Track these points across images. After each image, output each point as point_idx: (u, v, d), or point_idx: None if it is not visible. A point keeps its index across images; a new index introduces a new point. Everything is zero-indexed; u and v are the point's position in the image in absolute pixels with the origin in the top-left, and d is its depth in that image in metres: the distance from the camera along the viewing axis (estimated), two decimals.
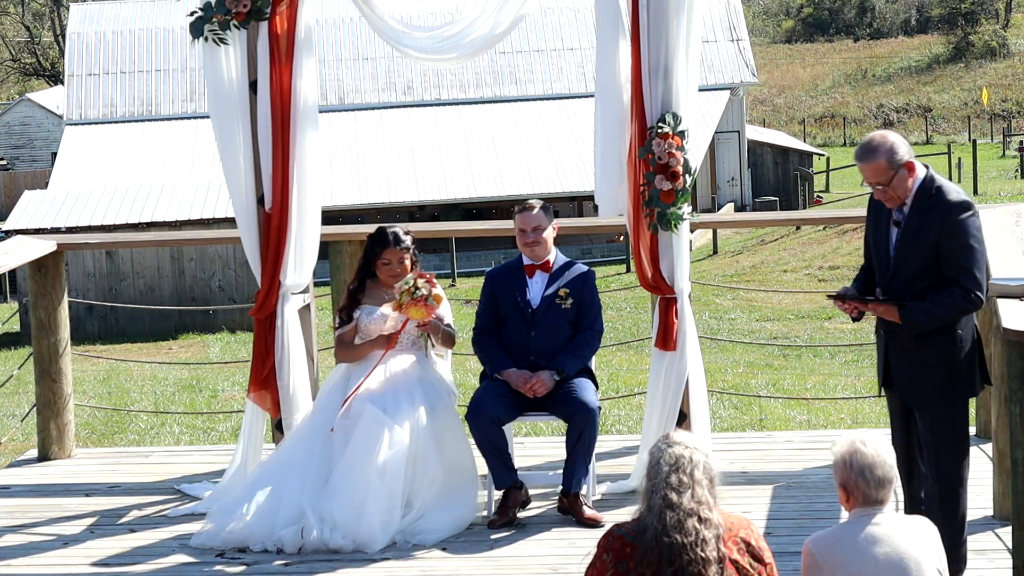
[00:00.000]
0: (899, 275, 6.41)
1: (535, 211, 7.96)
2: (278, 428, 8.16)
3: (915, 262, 6.35)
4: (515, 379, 7.76)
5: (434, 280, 7.78)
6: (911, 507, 6.56)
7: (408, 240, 7.99)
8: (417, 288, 7.67)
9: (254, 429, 8.22)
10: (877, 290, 6.53)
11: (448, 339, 7.98)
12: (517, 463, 7.93)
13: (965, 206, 6.32)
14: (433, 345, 7.96)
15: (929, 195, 6.35)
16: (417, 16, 35.18)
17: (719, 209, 41.60)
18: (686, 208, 7.66)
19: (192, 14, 7.95)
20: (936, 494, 6.40)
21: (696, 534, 4.73)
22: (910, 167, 6.34)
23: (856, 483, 5.01)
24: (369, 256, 8.00)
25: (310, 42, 7.98)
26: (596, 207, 7.94)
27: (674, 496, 4.76)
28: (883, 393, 6.72)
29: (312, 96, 8.00)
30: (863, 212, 6.89)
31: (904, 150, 6.35)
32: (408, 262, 7.96)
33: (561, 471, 7.78)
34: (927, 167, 6.44)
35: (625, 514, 5.12)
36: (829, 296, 6.72)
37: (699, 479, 4.81)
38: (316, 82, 8.07)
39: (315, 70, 8.05)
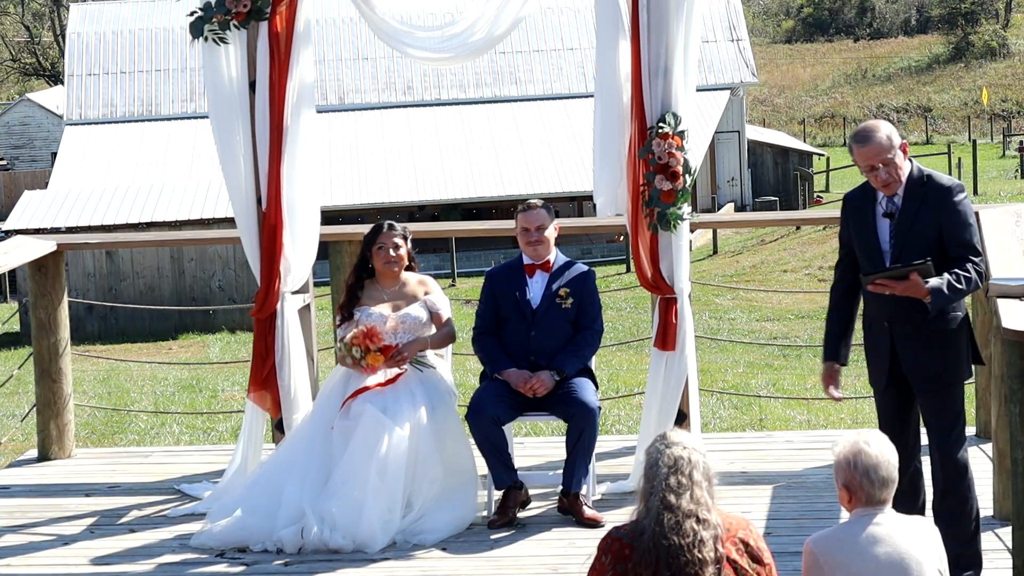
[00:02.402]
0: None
1: (538, 210, 7.96)
2: (278, 428, 8.16)
3: (915, 251, 6.33)
4: (515, 379, 7.75)
5: (367, 332, 7.67)
6: (904, 500, 6.54)
7: (401, 228, 8.02)
8: (350, 356, 7.67)
9: (254, 429, 8.22)
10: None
11: (442, 341, 7.98)
12: (517, 463, 7.92)
13: (960, 188, 6.41)
14: (424, 361, 7.93)
15: (921, 184, 6.40)
16: (417, 16, 35.24)
17: (719, 209, 41.59)
18: (686, 208, 7.67)
19: (192, 14, 7.95)
20: (941, 486, 6.40)
21: (694, 535, 4.72)
22: (904, 149, 6.43)
23: (861, 483, 4.99)
24: (365, 249, 8.01)
25: (309, 42, 7.99)
26: (595, 206, 7.94)
27: (672, 498, 4.74)
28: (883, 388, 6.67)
29: (309, 96, 8.00)
30: None
31: (896, 134, 6.44)
32: (404, 250, 7.96)
33: (561, 471, 7.77)
34: (911, 160, 6.50)
35: (625, 514, 5.11)
36: (862, 275, 6.41)
37: (698, 480, 4.79)
38: (314, 81, 8.06)
39: (313, 70, 8.06)
